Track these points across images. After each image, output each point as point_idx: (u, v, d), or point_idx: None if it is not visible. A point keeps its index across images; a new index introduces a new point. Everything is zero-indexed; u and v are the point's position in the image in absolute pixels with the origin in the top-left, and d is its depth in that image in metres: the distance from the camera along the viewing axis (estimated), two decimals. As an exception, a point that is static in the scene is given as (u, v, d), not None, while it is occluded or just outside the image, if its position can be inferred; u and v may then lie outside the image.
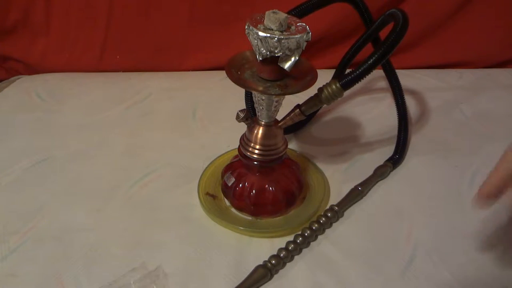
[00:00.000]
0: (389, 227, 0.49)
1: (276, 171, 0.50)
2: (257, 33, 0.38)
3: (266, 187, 0.49)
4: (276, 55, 0.39)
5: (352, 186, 0.53)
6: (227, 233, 0.48)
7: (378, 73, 0.62)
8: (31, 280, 0.43)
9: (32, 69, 0.82)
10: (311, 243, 0.47)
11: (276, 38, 0.38)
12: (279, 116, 0.48)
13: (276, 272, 0.44)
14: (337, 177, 0.56)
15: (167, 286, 0.42)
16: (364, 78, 0.42)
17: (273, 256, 0.44)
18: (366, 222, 0.50)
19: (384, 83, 0.75)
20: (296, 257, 0.46)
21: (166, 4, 0.76)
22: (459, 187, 0.55)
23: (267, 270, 0.43)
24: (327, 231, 0.49)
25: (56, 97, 0.73)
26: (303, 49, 0.40)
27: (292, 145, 0.62)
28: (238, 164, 0.51)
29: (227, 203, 0.52)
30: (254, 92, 0.44)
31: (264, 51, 0.39)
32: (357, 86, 0.44)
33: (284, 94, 0.42)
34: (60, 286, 0.42)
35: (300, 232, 0.47)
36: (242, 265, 0.44)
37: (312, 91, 0.44)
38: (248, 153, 0.48)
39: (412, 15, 0.45)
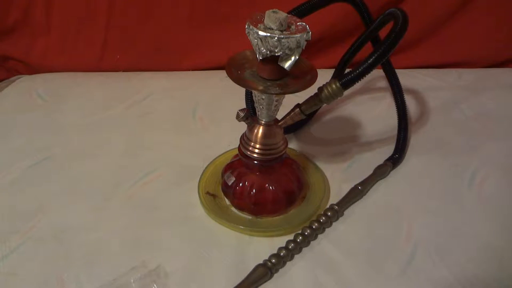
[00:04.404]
0: (389, 226, 0.50)
1: (276, 170, 0.50)
2: (257, 32, 0.39)
3: (266, 186, 0.50)
4: (276, 54, 0.39)
5: (352, 186, 0.53)
6: (227, 232, 0.48)
7: (378, 73, 0.62)
8: (32, 279, 0.43)
9: (32, 69, 0.82)
10: (311, 242, 0.47)
11: (276, 38, 0.38)
12: (279, 116, 0.48)
13: (276, 271, 0.44)
14: (337, 177, 0.56)
15: (167, 285, 0.42)
16: (364, 78, 0.42)
17: (273, 255, 0.44)
18: (366, 221, 0.50)
19: (384, 83, 0.75)
20: (296, 256, 0.46)
21: (166, 4, 0.77)
22: (459, 186, 0.55)
23: (267, 269, 0.43)
24: (327, 230, 0.49)
25: (57, 96, 0.73)
26: (303, 48, 0.40)
27: (292, 145, 0.62)
28: (238, 163, 0.51)
29: (227, 202, 0.52)
30: (254, 92, 0.44)
31: (264, 50, 0.39)
32: (357, 86, 0.44)
33: (284, 93, 0.42)
34: (60, 285, 0.42)
35: (300, 231, 0.47)
36: (242, 264, 0.44)
37: (312, 90, 0.44)
38: (248, 152, 0.48)
39: (412, 15, 0.45)
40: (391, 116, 0.64)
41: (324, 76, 0.48)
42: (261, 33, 0.38)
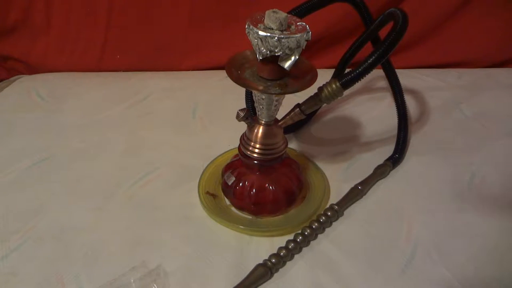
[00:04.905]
0: (389, 226, 0.50)
1: (276, 170, 0.50)
2: (257, 32, 0.39)
3: (266, 186, 0.50)
4: (276, 54, 0.39)
5: (352, 185, 0.53)
6: (227, 232, 0.48)
7: (378, 72, 0.62)
8: (32, 279, 0.43)
9: (32, 69, 0.82)
10: (311, 242, 0.47)
11: (276, 38, 0.38)
12: (279, 116, 0.48)
13: (276, 270, 0.44)
14: (337, 176, 0.56)
15: (167, 285, 0.42)
16: (364, 78, 0.42)
17: (273, 255, 0.44)
18: (366, 221, 0.50)
19: (384, 83, 0.75)
20: (296, 256, 0.46)
21: (166, 4, 0.77)
22: (458, 186, 0.55)
23: (267, 268, 0.43)
24: (327, 230, 0.49)
25: (57, 96, 0.73)
26: (303, 48, 0.40)
27: (292, 145, 0.62)
28: (238, 163, 0.51)
29: (227, 202, 0.52)
30: (254, 92, 0.44)
31: (264, 50, 0.39)
32: (357, 85, 0.44)
33: (284, 93, 0.42)
34: (60, 285, 0.42)
35: (300, 231, 0.47)
36: (242, 264, 0.44)
37: (312, 90, 0.44)
38: (248, 152, 0.48)
39: (412, 15, 0.45)
40: (391, 116, 0.64)
41: (324, 76, 0.48)
42: (261, 33, 0.38)
